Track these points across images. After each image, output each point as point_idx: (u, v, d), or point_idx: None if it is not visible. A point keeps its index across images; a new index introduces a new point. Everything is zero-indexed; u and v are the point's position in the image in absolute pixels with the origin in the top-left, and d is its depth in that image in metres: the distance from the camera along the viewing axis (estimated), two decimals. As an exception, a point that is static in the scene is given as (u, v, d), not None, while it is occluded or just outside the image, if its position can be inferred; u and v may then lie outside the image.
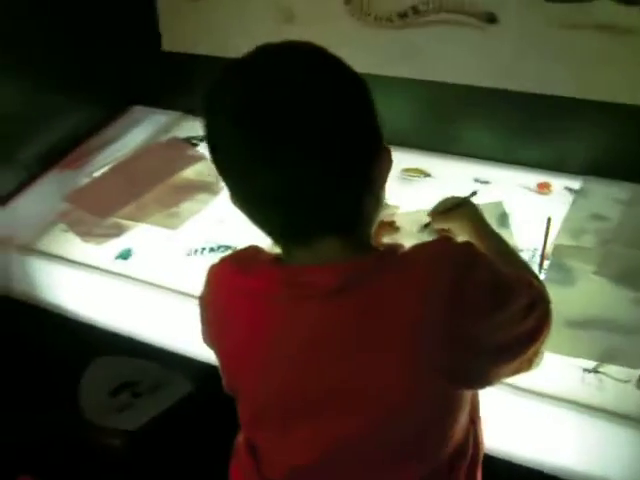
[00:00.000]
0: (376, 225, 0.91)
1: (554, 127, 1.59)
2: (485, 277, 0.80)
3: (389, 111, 1.71)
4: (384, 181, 0.85)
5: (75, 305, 1.52)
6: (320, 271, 0.80)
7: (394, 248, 0.83)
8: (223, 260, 0.93)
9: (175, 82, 1.97)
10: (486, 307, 0.79)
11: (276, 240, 0.85)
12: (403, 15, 1.59)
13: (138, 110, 2.13)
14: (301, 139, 0.74)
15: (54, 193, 1.79)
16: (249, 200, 0.81)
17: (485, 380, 0.83)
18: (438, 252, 0.82)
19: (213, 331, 0.92)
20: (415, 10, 1.57)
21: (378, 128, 0.84)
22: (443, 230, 1.33)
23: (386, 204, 1.59)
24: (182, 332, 1.37)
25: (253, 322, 0.86)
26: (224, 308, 0.90)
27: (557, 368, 1.14)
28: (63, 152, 1.98)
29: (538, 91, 1.51)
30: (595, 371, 1.13)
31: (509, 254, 1.16)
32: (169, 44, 1.91)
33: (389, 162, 0.84)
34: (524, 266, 1.11)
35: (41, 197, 1.79)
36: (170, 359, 1.50)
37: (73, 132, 2.02)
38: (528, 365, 0.90)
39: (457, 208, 1.28)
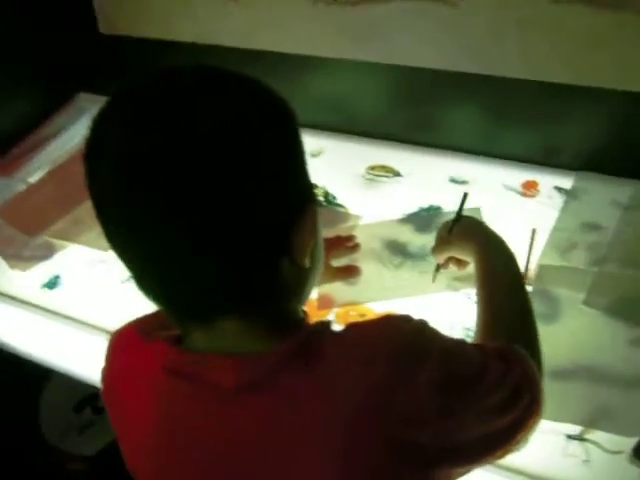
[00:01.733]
0: (307, 298, 0.72)
1: (542, 114, 1.36)
2: (433, 375, 0.62)
3: (353, 98, 1.54)
4: (307, 245, 0.65)
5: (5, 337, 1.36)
6: (217, 365, 0.63)
7: (318, 334, 0.65)
8: (127, 325, 0.79)
9: (121, 67, 1.75)
10: (432, 412, 0.61)
11: (171, 318, 0.68)
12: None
13: (84, 98, 1.92)
14: (197, 196, 0.56)
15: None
16: (135, 266, 0.63)
17: None
18: (369, 347, 0.64)
19: (111, 412, 0.76)
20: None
21: (303, 183, 0.65)
22: (451, 260, 1.11)
23: (346, 213, 1.39)
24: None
25: (146, 412, 0.69)
26: (121, 384, 0.74)
27: (534, 434, 0.95)
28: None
29: (521, 76, 1.28)
30: (581, 438, 0.94)
31: (516, 284, 0.95)
32: (106, 27, 1.68)
33: (313, 223, 0.65)
34: (528, 323, 0.89)
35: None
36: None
37: (13, 127, 1.82)
38: (503, 455, 0.73)
39: (454, 227, 1.07)
